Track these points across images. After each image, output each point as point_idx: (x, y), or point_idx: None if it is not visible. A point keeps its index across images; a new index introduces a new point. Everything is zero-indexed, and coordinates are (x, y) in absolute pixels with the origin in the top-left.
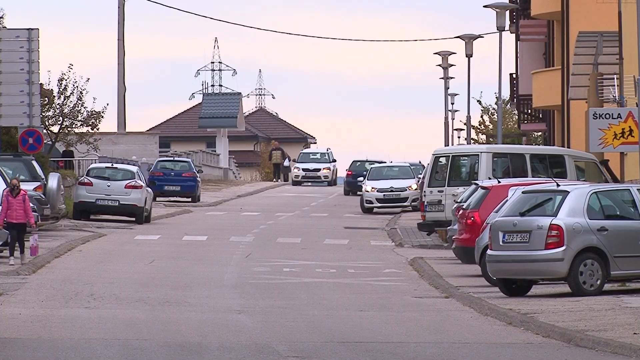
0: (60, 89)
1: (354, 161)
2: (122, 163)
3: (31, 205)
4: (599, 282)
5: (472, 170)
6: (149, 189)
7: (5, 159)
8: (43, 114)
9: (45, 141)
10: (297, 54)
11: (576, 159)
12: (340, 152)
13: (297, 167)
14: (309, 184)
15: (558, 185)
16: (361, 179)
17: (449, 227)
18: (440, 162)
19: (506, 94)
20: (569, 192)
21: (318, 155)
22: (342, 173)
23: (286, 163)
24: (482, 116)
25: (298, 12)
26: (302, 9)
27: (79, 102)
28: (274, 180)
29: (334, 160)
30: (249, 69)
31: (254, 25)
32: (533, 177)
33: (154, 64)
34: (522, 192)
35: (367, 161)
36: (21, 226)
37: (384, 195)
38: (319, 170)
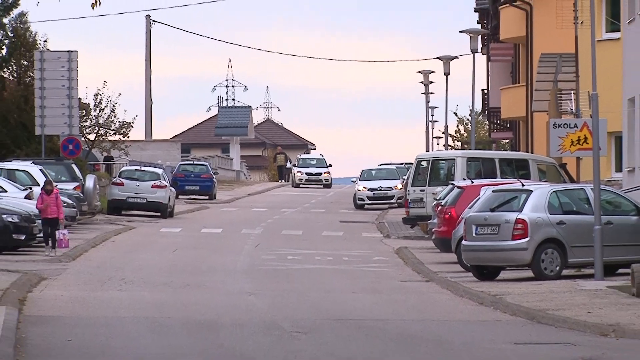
0: (96, 103)
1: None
2: (149, 166)
3: (71, 201)
4: (558, 268)
5: (449, 173)
6: (172, 189)
7: (48, 163)
8: (81, 124)
9: (83, 147)
10: (300, 72)
11: (538, 162)
12: (337, 156)
13: (300, 171)
14: (309, 185)
15: (523, 185)
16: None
17: (429, 221)
18: (422, 165)
19: (478, 106)
20: (532, 191)
21: (315, 161)
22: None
23: (288, 165)
24: (457, 126)
25: (300, 36)
26: (304, 34)
27: (112, 113)
28: (278, 181)
29: (330, 165)
30: (258, 85)
31: (262, 48)
32: (501, 178)
33: (176, 81)
34: (492, 191)
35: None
36: (54, 221)
37: (373, 193)
38: (320, 174)
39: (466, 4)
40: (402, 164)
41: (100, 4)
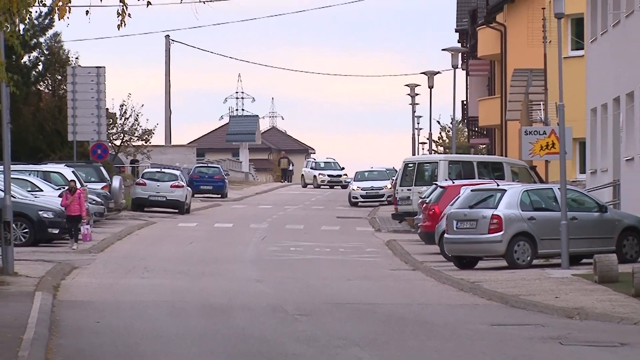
0: (122, 112)
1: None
2: (168, 168)
3: (99, 199)
4: (529, 258)
5: (433, 174)
6: (189, 188)
7: (79, 165)
8: (108, 131)
9: (110, 152)
10: (301, 85)
11: (512, 165)
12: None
13: (322, 174)
14: (330, 185)
15: (498, 185)
16: None
17: (415, 217)
18: (409, 167)
19: (459, 116)
20: (506, 190)
21: (333, 164)
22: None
23: (290, 167)
24: (440, 133)
25: (302, 54)
26: (306, 52)
27: (136, 122)
28: (282, 181)
29: (343, 168)
30: (265, 97)
31: (268, 64)
32: (479, 179)
33: (193, 92)
34: (471, 190)
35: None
36: (77, 217)
37: (366, 192)
38: (340, 176)
39: (448, 25)
40: (386, 169)
41: (125, 25)
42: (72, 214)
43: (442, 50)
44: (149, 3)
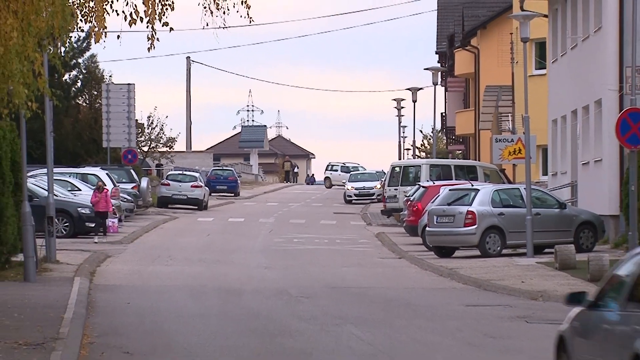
0: (149, 123)
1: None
2: (189, 171)
3: (129, 198)
4: (499, 248)
5: (416, 176)
6: (207, 188)
7: (112, 168)
8: (137, 139)
9: (138, 157)
10: (303, 99)
11: (484, 168)
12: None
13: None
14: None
15: (472, 185)
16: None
17: (401, 213)
18: (396, 170)
19: (438, 126)
20: (479, 190)
21: (359, 170)
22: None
23: (295, 170)
24: (422, 140)
25: (304, 72)
26: (307, 70)
27: (161, 131)
28: (285, 182)
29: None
30: (272, 109)
31: (275, 81)
32: (456, 180)
33: (209, 106)
34: (449, 190)
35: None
36: (104, 214)
37: (359, 191)
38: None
39: (429, 48)
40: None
41: (154, 48)
42: (100, 210)
43: (424, 69)
44: (171, 29)
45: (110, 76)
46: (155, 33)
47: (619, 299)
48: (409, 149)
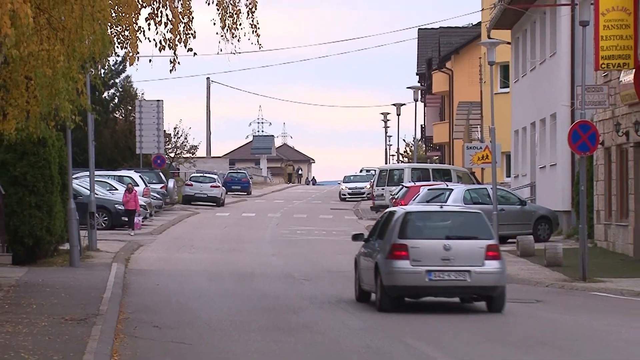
0: (175, 133)
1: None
2: (209, 173)
3: (158, 196)
4: None
5: (400, 178)
6: (224, 188)
7: (144, 171)
8: (165, 146)
9: (166, 161)
10: (305, 113)
11: (457, 171)
12: (328, 167)
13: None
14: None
15: (447, 185)
16: None
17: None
18: (383, 173)
19: (419, 135)
20: (453, 189)
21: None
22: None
23: (300, 172)
24: (405, 148)
25: (305, 90)
26: (308, 88)
27: (185, 140)
28: (289, 183)
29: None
30: (278, 121)
31: (281, 98)
32: (433, 181)
33: (226, 118)
34: (428, 189)
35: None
36: (132, 211)
37: (351, 191)
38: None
39: (411, 70)
40: (369, 170)
41: (175, 69)
42: (129, 208)
43: (407, 88)
44: (194, 54)
45: (142, 94)
46: (177, 57)
47: (373, 236)
48: (394, 155)
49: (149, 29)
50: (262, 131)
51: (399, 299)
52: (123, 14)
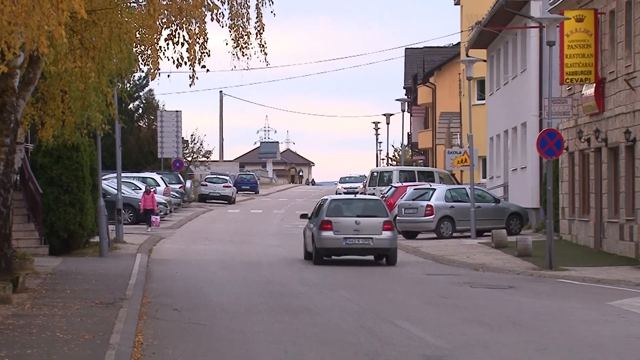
0: (192, 139)
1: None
2: (221, 175)
3: (177, 195)
4: (450, 232)
5: (389, 179)
6: (234, 187)
7: (165, 173)
8: (183, 151)
9: (184, 164)
10: (306, 122)
11: (439, 173)
12: (326, 169)
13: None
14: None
15: (430, 185)
16: None
17: None
18: (374, 174)
19: (406, 142)
20: (436, 189)
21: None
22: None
23: (301, 174)
24: (394, 152)
25: (307, 102)
26: (309, 100)
27: (200, 145)
28: (291, 183)
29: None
30: (283, 129)
31: (285, 109)
32: (419, 182)
33: (237, 126)
34: (414, 189)
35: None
36: (150, 211)
37: (347, 190)
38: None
39: (399, 84)
40: (360, 175)
41: (194, 83)
42: (147, 207)
43: (395, 100)
44: (208, 70)
45: (163, 105)
46: (195, 73)
47: (313, 216)
48: (384, 159)
49: (168, 48)
50: (268, 138)
51: (326, 256)
52: (146, 36)
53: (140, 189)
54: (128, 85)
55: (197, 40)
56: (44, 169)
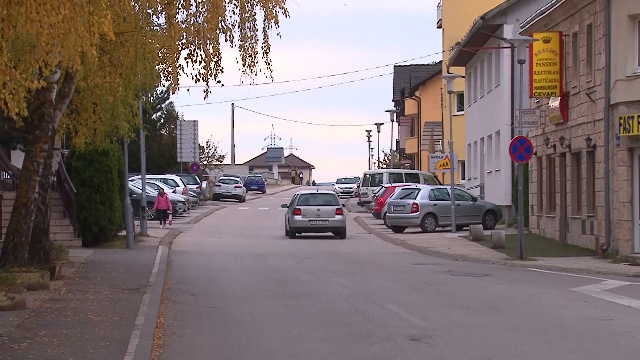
0: (207, 146)
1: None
2: (233, 176)
3: (194, 194)
4: (433, 227)
5: (380, 180)
6: (244, 188)
7: (184, 175)
8: (200, 156)
9: (200, 167)
10: (308, 130)
11: (424, 175)
12: (325, 171)
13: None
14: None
15: (416, 186)
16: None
17: (371, 204)
18: (367, 176)
19: (394, 147)
20: (421, 189)
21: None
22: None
23: (301, 176)
24: (384, 157)
25: (308, 112)
26: (309, 111)
27: (214, 151)
28: (293, 184)
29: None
30: (287, 136)
31: (289, 119)
32: (406, 183)
33: (246, 134)
34: (401, 189)
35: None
36: (164, 211)
37: (342, 190)
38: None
39: (388, 97)
40: (353, 177)
41: (208, 97)
42: (161, 208)
43: (385, 111)
44: (222, 85)
45: (182, 115)
46: (209, 87)
47: (290, 205)
48: (376, 163)
49: (187, 65)
50: (274, 144)
51: (298, 232)
52: (167, 55)
53: (162, 189)
54: (151, 98)
55: (212, 58)
56: (77, 171)
